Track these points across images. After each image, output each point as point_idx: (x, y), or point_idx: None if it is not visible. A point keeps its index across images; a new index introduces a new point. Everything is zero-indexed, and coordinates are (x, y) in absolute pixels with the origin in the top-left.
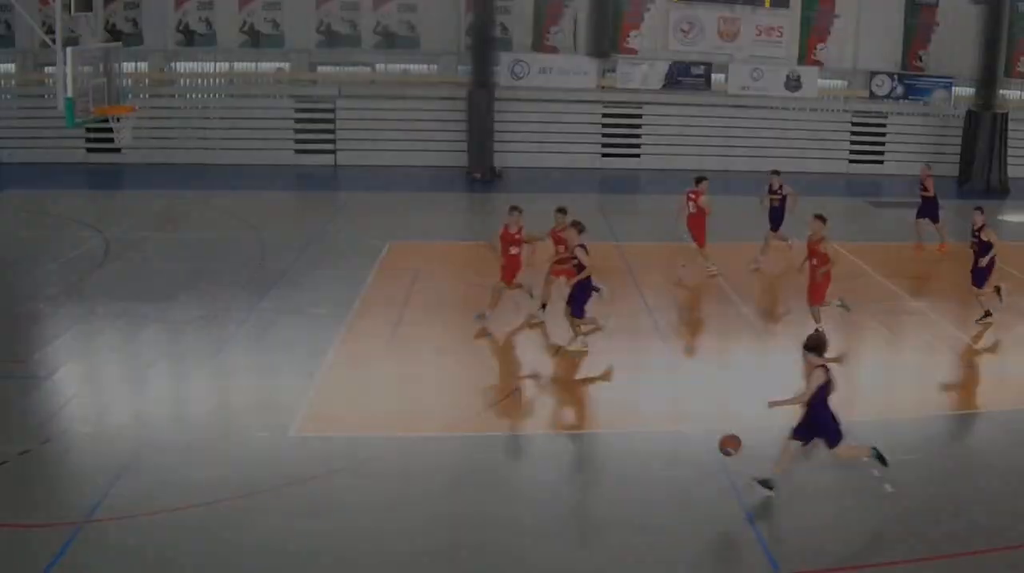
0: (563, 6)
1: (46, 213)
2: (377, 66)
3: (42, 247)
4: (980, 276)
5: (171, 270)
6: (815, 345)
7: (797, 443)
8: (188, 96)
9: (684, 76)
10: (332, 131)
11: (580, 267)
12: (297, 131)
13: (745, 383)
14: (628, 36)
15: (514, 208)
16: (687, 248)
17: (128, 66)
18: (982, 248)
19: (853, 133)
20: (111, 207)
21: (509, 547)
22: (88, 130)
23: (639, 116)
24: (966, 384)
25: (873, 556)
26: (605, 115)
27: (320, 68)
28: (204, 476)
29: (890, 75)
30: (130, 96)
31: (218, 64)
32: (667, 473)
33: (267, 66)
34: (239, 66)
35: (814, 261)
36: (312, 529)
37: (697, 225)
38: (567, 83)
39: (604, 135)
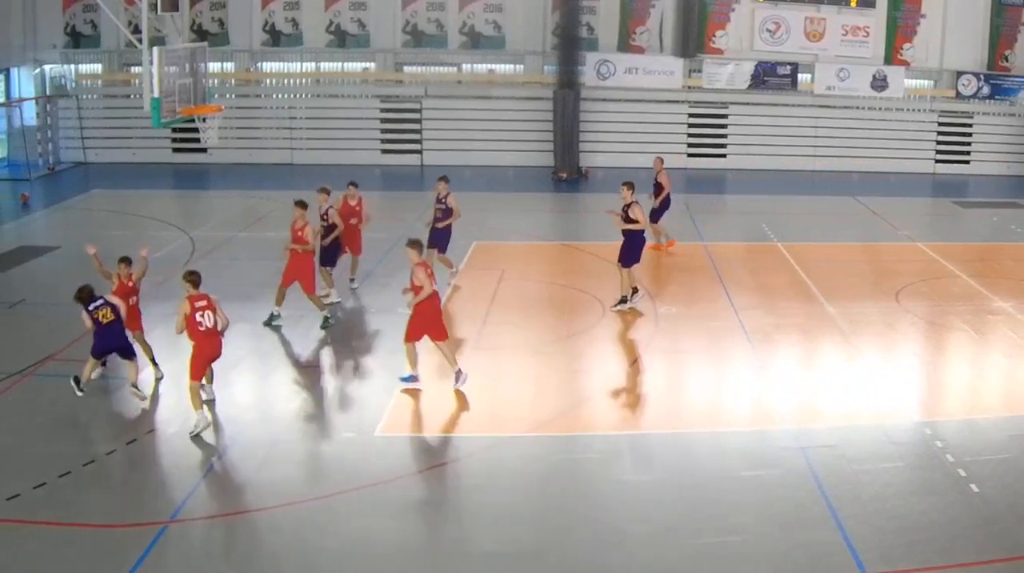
0: (649, 6)
1: (132, 213)
2: (463, 66)
3: (128, 247)
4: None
5: (257, 270)
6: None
7: None
8: (274, 96)
9: (770, 76)
10: (418, 131)
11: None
12: (383, 131)
13: (831, 384)
14: (714, 36)
15: (123, 259)
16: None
17: (214, 66)
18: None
19: (939, 133)
20: (197, 207)
21: (594, 547)
22: (174, 130)
23: (725, 116)
24: None
25: (959, 556)
26: (691, 115)
27: (406, 68)
28: (289, 476)
29: (976, 75)
30: (216, 96)
31: (304, 64)
32: (752, 473)
33: (353, 66)
34: (325, 66)
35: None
36: (396, 529)
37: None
38: (653, 83)
39: (690, 135)
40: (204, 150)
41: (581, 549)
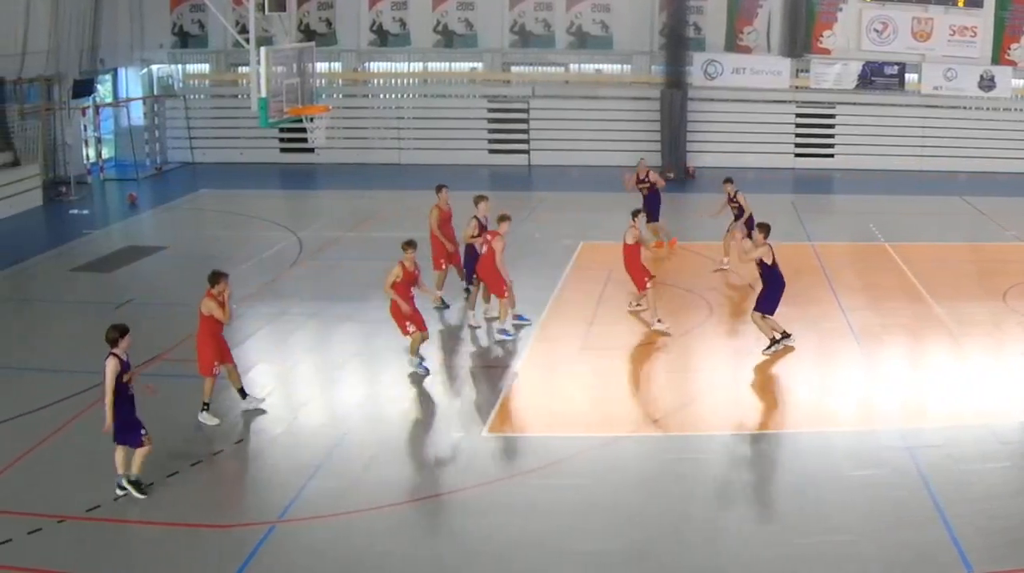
0: (756, 6)
1: (240, 213)
2: (570, 66)
3: (236, 247)
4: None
5: (364, 270)
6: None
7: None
8: (382, 96)
9: (877, 76)
10: (526, 131)
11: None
12: (491, 131)
13: (938, 384)
14: (821, 36)
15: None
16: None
17: (321, 66)
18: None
19: None
20: (304, 207)
21: (700, 547)
22: (282, 130)
23: (832, 116)
24: None
25: None
26: (798, 115)
27: (514, 68)
28: (397, 476)
29: None
30: (323, 96)
31: (412, 64)
32: (859, 473)
33: (460, 66)
34: (433, 66)
35: None
36: (502, 528)
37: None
38: (760, 83)
39: (798, 135)
40: (311, 150)
41: (687, 549)
